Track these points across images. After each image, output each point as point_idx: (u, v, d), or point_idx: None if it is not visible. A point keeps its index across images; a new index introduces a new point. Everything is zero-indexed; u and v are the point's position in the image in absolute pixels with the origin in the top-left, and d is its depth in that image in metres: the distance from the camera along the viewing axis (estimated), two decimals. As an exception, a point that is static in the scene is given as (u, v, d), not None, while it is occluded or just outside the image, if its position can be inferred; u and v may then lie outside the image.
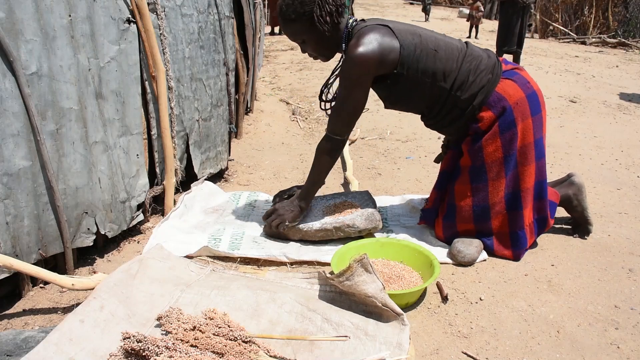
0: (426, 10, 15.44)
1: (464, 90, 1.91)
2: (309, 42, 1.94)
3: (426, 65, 1.88)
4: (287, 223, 2.03)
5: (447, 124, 2.03)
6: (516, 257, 2.00)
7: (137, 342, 1.26)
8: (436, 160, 2.33)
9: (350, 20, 1.95)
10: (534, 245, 2.12)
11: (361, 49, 1.80)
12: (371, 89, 1.97)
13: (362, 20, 1.99)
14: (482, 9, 11.65)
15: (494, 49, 9.15)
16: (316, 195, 2.15)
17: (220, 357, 1.28)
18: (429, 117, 2.06)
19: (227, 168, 2.96)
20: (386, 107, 2.10)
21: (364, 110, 2.29)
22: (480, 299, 1.75)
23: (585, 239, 2.18)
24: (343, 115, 1.93)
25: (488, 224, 1.99)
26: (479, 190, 1.97)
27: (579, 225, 2.20)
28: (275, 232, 2.09)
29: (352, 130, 2.01)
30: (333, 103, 2.05)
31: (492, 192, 1.96)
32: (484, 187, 1.96)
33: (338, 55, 2.05)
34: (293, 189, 2.25)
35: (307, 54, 2.02)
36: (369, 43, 1.82)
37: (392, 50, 1.84)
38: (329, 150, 1.98)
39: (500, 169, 1.94)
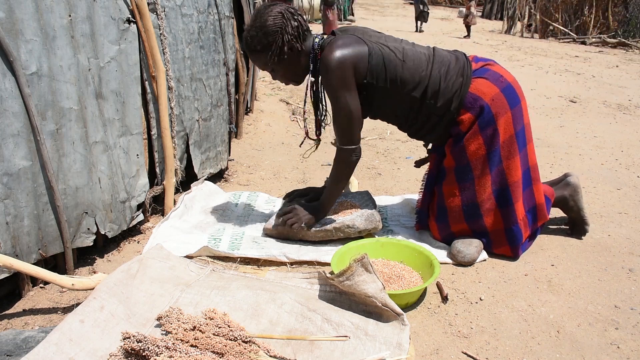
0: (423, 17, 12.58)
1: (438, 98, 1.93)
2: (278, 70, 1.97)
3: (394, 74, 1.90)
4: (302, 225, 2.03)
5: (427, 132, 2.05)
6: (514, 253, 2.00)
7: (137, 342, 1.26)
8: (416, 165, 2.33)
9: (317, 40, 1.97)
10: (534, 244, 2.12)
11: (336, 53, 1.84)
12: None
13: (332, 33, 2.02)
14: (472, 9, 11.66)
15: (493, 49, 9.15)
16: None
17: (220, 357, 1.28)
18: (408, 127, 2.08)
19: (227, 168, 2.96)
20: (371, 118, 2.11)
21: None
22: (480, 299, 1.75)
23: (582, 239, 2.18)
24: (343, 124, 1.93)
25: (480, 222, 2.00)
26: (466, 189, 1.98)
27: (576, 225, 2.20)
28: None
29: (359, 133, 2.00)
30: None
31: (479, 190, 1.97)
32: (470, 185, 1.97)
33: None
34: (309, 190, 2.27)
35: (278, 81, 2.05)
36: (342, 47, 1.86)
37: (363, 56, 1.87)
38: (344, 160, 1.98)
39: (484, 166, 1.94)
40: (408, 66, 1.91)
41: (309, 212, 2.05)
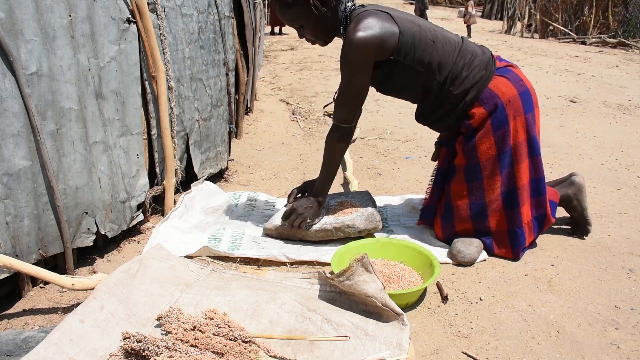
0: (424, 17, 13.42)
1: (457, 85, 1.91)
2: (307, 27, 1.92)
3: (423, 54, 1.87)
4: (308, 220, 2.02)
5: (438, 119, 2.03)
6: (515, 256, 2.00)
7: (137, 342, 1.26)
8: (433, 159, 2.33)
9: (349, 4, 1.94)
10: (534, 245, 2.12)
11: (361, 33, 1.79)
12: None
13: (362, 5, 1.97)
14: (470, 9, 11.65)
15: (494, 49, 9.15)
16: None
17: (220, 357, 1.28)
18: (420, 109, 2.06)
19: (227, 168, 2.96)
20: (379, 91, 2.08)
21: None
22: (480, 299, 1.75)
23: (584, 239, 2.18)
24: (347, 102, 1.92)
25: (486, 222, 1.99)
26: (474, 189, 1.98)
27: (578, 225, 2.20)
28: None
29: (358, 116, 1.99)
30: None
31: (488, 190, 1.96)
32: (479, 185, 1.97)
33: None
34: (305, 184, 2.23)
35: (304, 38, 2.01)
36: (369, 27, 1.80)
37: (392, 36, 1.83)
38: (339, 139, 1.97)
39: (494, 167, 1.94)
40: (437, 47, 1.88)
41: (309, 205, 2.03)
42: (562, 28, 11.91)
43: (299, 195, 2.19)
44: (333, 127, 1.98)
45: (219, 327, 1.37)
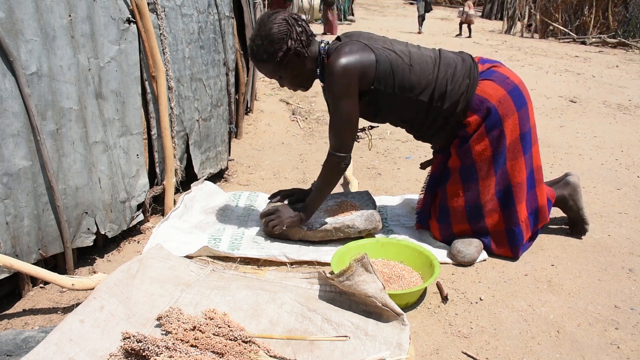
0: (422, 19, 12.53)
1: (445, 100, 1.92)
2: (285, 77, 1.96)
3: (402, 80, 1.90)
4: (283, 227, 2.03)
5: (434, 134, 2.05)
6: (514, 254, 2.00)
7: (137, 342, 1.26)
8: (422, 167, 2.35)
9: (322, 44, 1.97)
10: (534, 244, 2.12)
11: (343, 60, 1.83)
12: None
13: (337, 38, 2.01)
14: (467, 9, 11.67)
15: (493, 49, 9.15)
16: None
17: (220, 357, 1.28)
18: (415, 130, 2.08)
19: (227, 168, 2.96)
20: (376, 122, 2.11)
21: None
22: (480, 299, 1.75)
23: (582, 238, 2.18)
24: (338, 131, 1.93)
25: (482, 222, 2.00)
26: (470, 190, 1.98)
27: (576, 225, 2.20)
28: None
29: (354, 142, 2.00)
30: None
31: (483, 191, 1.96)
32: (474, 186, 1.97)
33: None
34: (294, 191, 2.25)
35: (286, 87, 2.04)
36: (350, 54, 1.85)
37: (371, 64, 1.87)
38: (334, 167, 1.98)
39: (489, 167, 1.94)
40: (415, 70, 1.90)
41: (291, 215, 2.04)
42: (562, 28, 11.91)
43: (280, 199, 2.20)
44: (329, 155, 1.98)
45: (219, 327, 1.37)
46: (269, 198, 2.25)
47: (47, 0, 1.65)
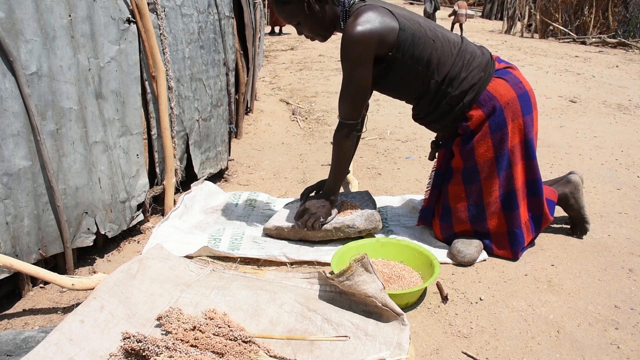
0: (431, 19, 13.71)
1: (455, 87, 1.90)
2: (304, 23, 1.91)
3: (422, 52, 1.86)
4: (322, 219, 2.01)
5: (435, 119, 2.02)
6: (514, 256, 2.00)
7: (137, 342, 1.26)
8: (430, 158, 2.34)
9: None
10: (534, 245, 2.12)
11: (360, 27, 1.78)
12: None
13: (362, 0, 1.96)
14: (456, 8, 11.67)
15: (493, 49, 9.15)
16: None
17: (220, 357, 1.28)
18: (417, 109, 2.05)
19: (227, 168, 2.96)
20: (375, 89, 2.05)
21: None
22: (480, 299, 1.75)
23: (583, 238, 2.18)
24: (350, 98, 1.91)
25: (484, 224, 1.99)
26: (472, 191, 1.97)
27: (577, 224, 2.20)
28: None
29: (362, 111, 1.97)
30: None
31: (486, 193, 1.96)
32: (477, 187, 1.97)
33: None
34: (320, 183, 2.22)
35: (303, 35, 2.00)
36: (368, 21, 1.79)
37: (392, 31, 1.82)
38: (346, 136, 1.96)
39: (492, 169, 1.94)
40: (437, 46, 1.87)
41: (321, 204, 2.03)
42: (562, 28, 11.91)
43: (312, 194, 2.19)
44: (339, 124, 1.97)
45: (219, 327, 1.37)
46: (300, 198, 2.22)
47: (47, 0, 1.65)
